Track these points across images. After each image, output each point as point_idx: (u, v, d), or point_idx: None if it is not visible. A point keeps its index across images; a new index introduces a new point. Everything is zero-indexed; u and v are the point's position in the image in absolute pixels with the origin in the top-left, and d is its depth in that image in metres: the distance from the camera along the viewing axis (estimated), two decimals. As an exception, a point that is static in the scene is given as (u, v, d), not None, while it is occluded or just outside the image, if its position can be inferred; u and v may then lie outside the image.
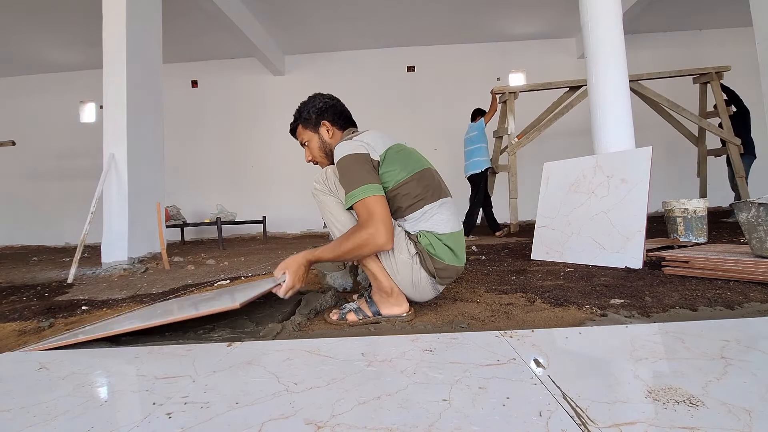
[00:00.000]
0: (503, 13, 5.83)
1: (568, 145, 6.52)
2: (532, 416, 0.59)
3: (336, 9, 5.49)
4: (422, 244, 1.17)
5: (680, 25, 6.41)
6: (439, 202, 1.22)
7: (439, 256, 1.17)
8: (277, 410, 0.64)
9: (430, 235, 1.18)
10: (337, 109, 1.36)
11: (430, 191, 1.21)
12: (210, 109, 6.96)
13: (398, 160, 1.19)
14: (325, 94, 1.39)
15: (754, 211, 1.53)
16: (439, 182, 1.27)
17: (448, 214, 1.23)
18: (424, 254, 1.16)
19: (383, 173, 1.17)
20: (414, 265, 1.17)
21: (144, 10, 3.25)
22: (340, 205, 1.20)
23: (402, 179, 1.17)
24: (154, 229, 3.18)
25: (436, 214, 1.20)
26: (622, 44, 2.62)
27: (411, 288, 1.20)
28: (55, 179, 6.88)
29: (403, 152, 1.23)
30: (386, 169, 1.17)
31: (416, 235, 1.18)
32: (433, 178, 1.25)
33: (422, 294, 1.22)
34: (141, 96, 3.17)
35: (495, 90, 4.78)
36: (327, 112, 1.34)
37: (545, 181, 2.46)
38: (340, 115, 1.35)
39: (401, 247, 1.16)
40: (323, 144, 1.33)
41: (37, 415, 0.67)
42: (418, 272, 1.17)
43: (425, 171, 1.24)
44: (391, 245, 1.10)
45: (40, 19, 5.32)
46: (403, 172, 1.18)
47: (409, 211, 1.19)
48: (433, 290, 1.23)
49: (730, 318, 1.05)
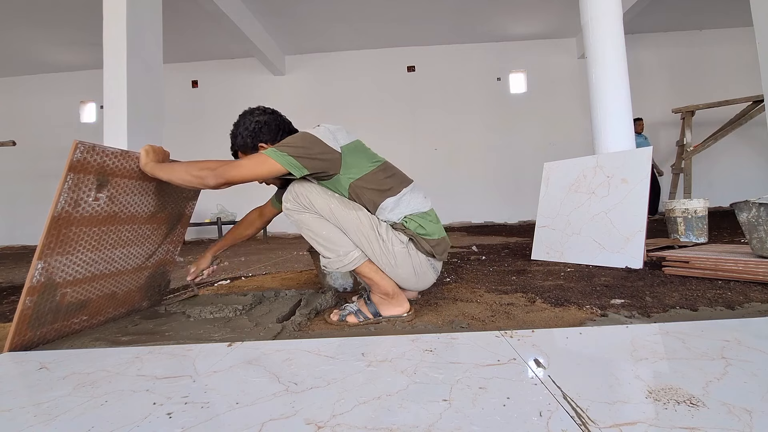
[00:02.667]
0: (503, 13, 5.83)
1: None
2: (533, 416, 0.59)
3: (336, 9, 5.49)
4: (411, 228, 1.18)
5: (680, 25, 6.41)
6: (410, 187, 1.24)
7: (430, 233, 1.19)
8: (277, 410, 0.64)
9: (416, 216, 1.20)
10: (271, 125, 1.26)
11: (398, 179, 1.23)
12: (210, 109, 6.96)
13: (363, 154, 1.21)
14: (255, 109, 1.31)
15: (754, 211, 1.53)
16: (399, 170, 1.29)
17: (422, 194, 1.27)
18: (416, 238, 1.18)
19: (348, 165, 1.16)
20: (410, 251, 1.18)
21: (144, 10, 3.25)
22: (319, 220, 1.15)
23: (369, 170, 1.19)
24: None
25: (412, 198, 1.22)
26: (623, 44, 2.62)
27: (414, 277, 1.20)
28: (55, 179, 6.86)
29: (364, 146, 1.25)
30: (352, 162, 1.17)
31: (402, 223, 1.19)
32: (394, 168, 1.28)
33: (424, 280, 1.23)
34: (141, 96, 3.17)
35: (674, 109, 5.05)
36: (261, 132, 1.25)
37: (545, 181, 2.46)
38: (277, 130, 1.27)
39: (393, 240, 1.16)
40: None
41: (38, 415, 0.67)
42: (416, 257, 1.18)
43: (386, 163, 1.26)
44: (211, 187, 1.10)
45: (41, 19, 5.32)
46: (369, 163, 1.20)
47: (386, 196, 1.19)
48: (433, 272, 1.24)
49: (730, 318, 1.05)
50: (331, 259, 1.17)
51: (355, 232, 1.15)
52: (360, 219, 1.15)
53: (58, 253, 1.04)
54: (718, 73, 6.46)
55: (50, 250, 1.02)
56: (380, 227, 1.16)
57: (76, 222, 1.07)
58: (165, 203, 1.37)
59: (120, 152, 1.15)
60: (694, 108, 4.94)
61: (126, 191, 1.20)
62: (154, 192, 1.30)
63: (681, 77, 6.57)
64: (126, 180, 1.19)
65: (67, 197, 1.03)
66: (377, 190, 1.18)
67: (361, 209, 1.17)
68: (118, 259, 1.25)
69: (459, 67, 6.75)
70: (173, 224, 1.46)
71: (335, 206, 1.14)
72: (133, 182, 1.22)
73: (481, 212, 6.62)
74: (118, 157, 1.15)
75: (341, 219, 1.14)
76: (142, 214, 1.29)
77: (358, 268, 1.17)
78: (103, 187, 1.12)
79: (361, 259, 1.16)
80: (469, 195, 6.62)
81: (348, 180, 1.16)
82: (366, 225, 1.15)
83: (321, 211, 1.14)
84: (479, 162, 6.66)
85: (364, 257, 1.17)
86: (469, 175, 6.64)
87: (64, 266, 1.07)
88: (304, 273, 2.29)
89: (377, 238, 1.15)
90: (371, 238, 1.15)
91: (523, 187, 6.45)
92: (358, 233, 1.15)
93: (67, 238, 1.06)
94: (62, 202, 1.02)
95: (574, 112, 6.54)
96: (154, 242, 1.39)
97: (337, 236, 1.16)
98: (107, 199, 1.14)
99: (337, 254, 1.16)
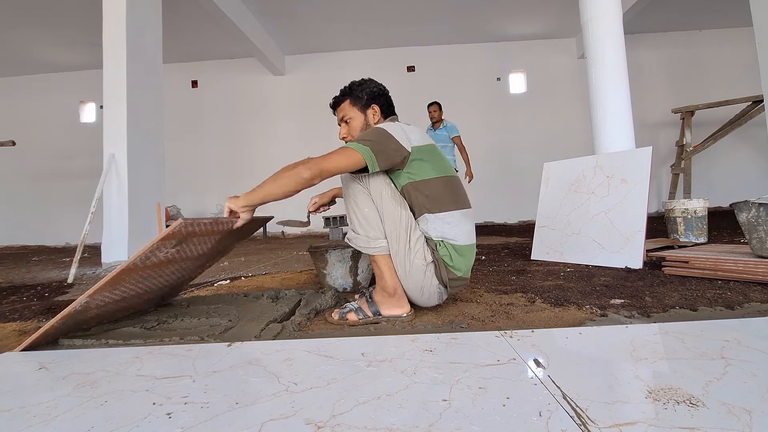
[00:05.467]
0: (503, 13, 5.83)
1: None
2: (533, 416, 0.59)
3: (336, 9, 5.49)
4: (440, 253, 1.17)
5: (680, 25, 6.41)
6: (462, 212, 1.22)
7: (455, 267, 1.18)
8: (277, 410, 0.64)
9: (449, 245, 1.18)
10: (387, 98, 1.36)
11: (454, 197, 1.22)
12: (210, 109, 6.96)
13: (431, 159, 1.21)
14: (377, 81, 1.39)
15: (754, 211, 1.53)
16: (464, 192, 1.28)
17: (469, 225, 1.24)
18: (439, 263, 1.17)
19: (413, 164, 1.18)
20: (427, 272, 1.17)
21: (144, 10, 3.26)
22: (367, 197, 1.18)
23: (431, 176, 1.19)
24: (154, 229, 3.18)
25: (458, 224, 1.20)
26: (623, 44, 2.62)
27: (418, 293, 1.20)
28: (55, 179, 6.88)
29: (437, 153, 1.26)
30: (418, 163, 1.18)
31: (435, 243, 1.18)
32: (459, 186, 1.27)
33: (428, 300, 1.23)
34: (141, 96, 3.17)
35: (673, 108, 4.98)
36: (379, 98, 1.34)
37: (545, 181, 2.46)
38: (389, 104, 1.36)
39: (418, 253, 1.16)
40: (367, 126, 1.32)
41: (38, 415, 0.67)
42: (429, 279, 1.18)
43: (453, 178, 1.26)
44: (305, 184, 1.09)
45: (41, 19, 5.32)
46: (433, 171, 1.20)
47: (431, 209, 1.18)
48: (438, 299, 1.23)
49: (730, 318, 1.05)
50: (360, 236, 1.18)
51: (390, 225, 1.16)
52: (400, 216, 1.16)
53: (106, 290, 1.05)
54: (718, 73, 6.46)
55: (102, 290, 1.02)
56: (414, 234, 1.16)
57: (138, 270, 1.07)
58: (220, 243, 1.35)
59: (211, 221, 1.12)
60: (694, 108, 4.94)
61: (195, 243, 1.18)
62: (217, 239, 1.28)
63: (681, 77, 6.57)
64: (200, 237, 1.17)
65: (143, 256, 1.02)
66: (428, 198, 1.18)
67: (406, 208, 1.18)
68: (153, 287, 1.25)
69: (459, 67, 6.75)
70: (216, 255, 1.46)
71: (386, 194, 1.16)
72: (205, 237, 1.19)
73: (481, 212, 6.62)
74: (208, 224, 1.12)
75: (385, 207, 1.16)
76: (195, 254, 1.27)
77: (377, 256, 1.18)
78: (179, 245, 1.11)
79: (384, 250, 1.17)
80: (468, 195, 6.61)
81: (407, 178, 1.19)
82: (403, 224, 1.16)
83: (372, 192, 1.17)
84: (479, 162, 6.64)
85: (387, 249, 1.17)
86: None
87: (104, 297, 1.08)
88: (304, 273, 2.29)
89: (406, 241, 1.16)
90: (400, 239, 1.16)
91: (523, 187, 6.45)
92: (392, 227, 1.16)
93: (121, 280, 1.05)
94: (138, 259, 1.01)
95: (574, 112, 6.53)
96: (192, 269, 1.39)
97: (374, 219, 1.17)
98: (174, 251, 1.13)
99: (367, 235, 1.17)
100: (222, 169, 6.92)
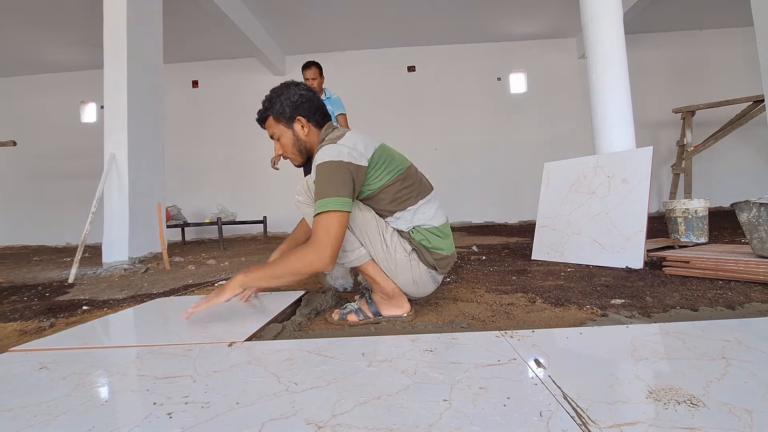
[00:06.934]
0: (503, 13, 5.83)
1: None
2: (533, 416, 0.59)
3: (336, 9, 5.49)
4: (416, 239, 1.17)
5: (680, 25, 6.40)
6: (426, 199, 1.22)
7: (436, 247, 1.18)
8: (278, 410, 0.64)
9: (423, 229, 1.18)
10: (313, 103, 1.25)
11: (416, 190, 1.21)
12: (210, 109, 6.95)
13: (384, 163, 1.17)
14: (299, 83, 1.29)
15: (755, 211, 1.53)
16: (421, 179, 1.27)
17: (435, 206, 1.24)
18: (420, 249, 1.17)
19: (370, 175, 1.14)
20: (412, 261, 1.17)
21: (144, 10, 3.26)
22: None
23: (389, 181, 1.16)
24: (154, 229, 3.18)
25: (424, 211, 1.20)
26: (623, 44, 2.62)
27: (413, 286, 1.20)
28: (55, 179, 6.88)
29: (386, 153, 1.21)
30: (373, 172, 1.15)
31: (409, 233, 1.18)
32: (416, 175, 1.25)
33: (423, 289, 1.22)
34: (141, 96, 3.17)
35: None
36: (303, 107, 1.23)
37: (546, 181, 2.46)
38: (316, 110, 1.25)
39: (396, 247, 1.15)
40: (297, 141, 1.24)
41: (38, 415, 0.67)
42: (417, 267, 1.18)
43: (408, 170, 1.23)
44: (331, 268, 1.07)
45: (41, 19, 5.32)
46: (389, 174, 1.17)
47: (399, 209, 1.18)
48: (433, 283, 1.23)
49: (731, 318, 1.05)
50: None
51: (361, 232, 1.15)
52: (366, 220, 1.15)
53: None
54: (718, 73, 6.45)
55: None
56: (386, 232, 1.16)
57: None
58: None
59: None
60: (695, 108, 4.93)
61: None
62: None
63: (681, 77, 6.56)
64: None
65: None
66: (391, 203, 1.17)
67: (370, 211, 1.17)
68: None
69: (459, 67, 6.75)
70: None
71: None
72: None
73: (481, 212, 6.61)
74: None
75: (352, 218, 1.13)
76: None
77: (362, 266, 1.17)
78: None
79: (365, 257, 1.16)
80: (469, 195, 6.61)
81: (367, 191, 1.16)
82: (372, 227, 1.15)
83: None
84: (479, 162, 6.65)
85: (368, 256, 1.16)
86: (469, 175, 6.63)
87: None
88: (304, 273, 2.29)
89: (381, 241, 1.15)
90: (375, 241, 1.15)
91: (523, 187, 6.44)
92: (364, 233, 1.15)
93: None
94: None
95: (574, 112, 6.53)
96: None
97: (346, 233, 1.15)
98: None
99: (344, 250, 1.15)
100: (223, 169, 6.92)
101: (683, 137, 4.96)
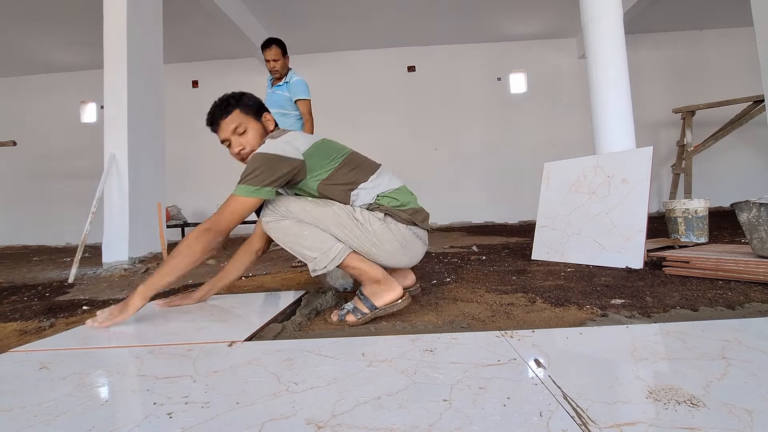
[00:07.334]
0: (503, 13, 5.83)
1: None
2: (533, 416, 0.59)
3: (336, 9, 5.49)
4: (384, 203, 1.22)
5: (680, 25, 6.40)
6: (377, 173, 1.29)
7: (404, 203, 1.24)
8: (278, 410, 0.64)
9: (385, 194, 1.24)
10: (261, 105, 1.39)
11: (363, 170, 1.27)
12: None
13: (325, 153, 1.26)
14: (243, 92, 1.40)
15: (755, 211, 1.53)
16: (365, 160, 1.33)
17: (390, 175, 1.31)
18: (391, 211, 1.21)
19: (313, 166, 1.22)
20: (390, 225, 1.20)
21: (144, 10, 3.26)
22: (298, 223, 1.18)
23: (336, 166, 1.24)
24: (154, 229, 3.18)
25: (382, 181, 1.27)
26: (623, 44, 2.62)
27: (401, 250, 1.23)
28: (55, 179, 6.88)
29: (326, 145, 1.30)
30: (315, 164, 1.22)
31: (375, 202, 1.23)
32: (359, 157, 1.32)
33: (413, 251, 1.26)
34: (142, 96, 3.17)
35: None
36: (264, 108, 1.37)
37: (546, 181, 2.46)
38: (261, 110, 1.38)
39: (370, 219, 1.19)
40: (266, 133, 1.34)
41: (38, 415, 0.67)
42: (397, 229, 1.21)
43: (351, 154, 1.30)
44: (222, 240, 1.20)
45: (41, 19, 5.32)
46: (333, 162, 1.24)
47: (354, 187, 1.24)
48: (419, 241, 1.27)
49: (731, 318, 1.05)
50: (317, 258, 1.17)
51: (335, 225, 1.18)
52: (335, 212, 1.19)
53: None
54: (718, 73, 6.45)
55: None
56: (355, 213, 1.20)
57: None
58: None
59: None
60: (695, 108, 4.93)
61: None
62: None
63: (681, 77, 6.56)
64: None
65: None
66: (345, 185, 1.23)
67: (335, 203, 1.21)
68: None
69: (459, 67, 6.75)
70: None
71: (310, 206, 1.19)
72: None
73: (481, 212, 6.61)
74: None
75: (319, 216, 1.18)
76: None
77: (345, 261, 1.18)
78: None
79: (345, 251, 1.18)
80: (469, 195, 6.61)
81: (315, 182, 1.22)
82: (343, 215, 1.19)
83: (298, 215, 1.18)
84: (479, 162, 6.65)
85: (348, 249, 1.18)
86: (470, 175, 6.63)
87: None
88: (304, 273, 2.29)
89: (355, 224, 1.18)
90: (350, 226, 1.18)
91: (523, 187, 6.44)
92: (338, 225, 1.18)
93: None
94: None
95: (574, 112, 6.52)
96: None
97: (318, 234, 1.18)
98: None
99: (321, 251, 1.17)
100: (223, 168, 6.90)
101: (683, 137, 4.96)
